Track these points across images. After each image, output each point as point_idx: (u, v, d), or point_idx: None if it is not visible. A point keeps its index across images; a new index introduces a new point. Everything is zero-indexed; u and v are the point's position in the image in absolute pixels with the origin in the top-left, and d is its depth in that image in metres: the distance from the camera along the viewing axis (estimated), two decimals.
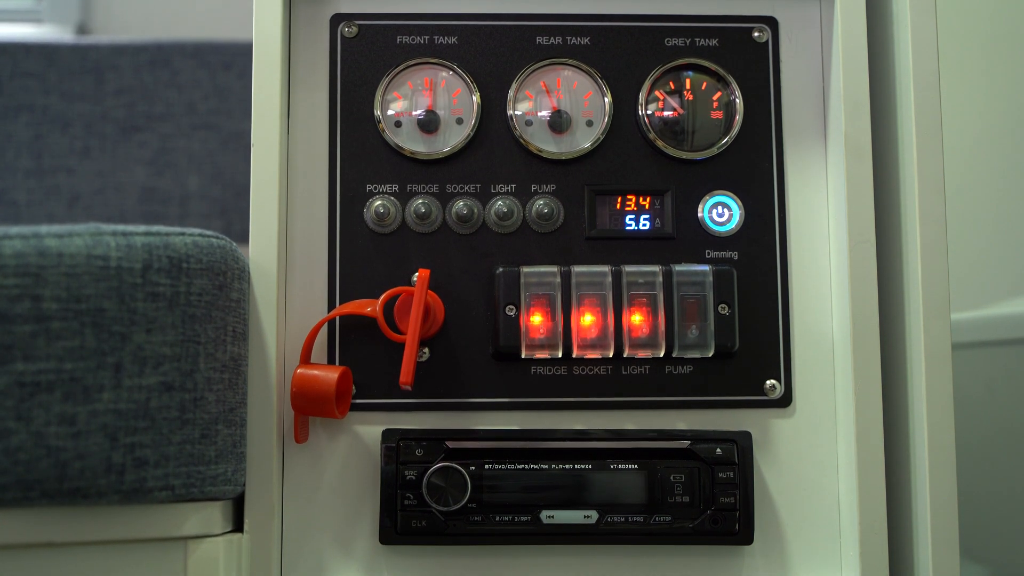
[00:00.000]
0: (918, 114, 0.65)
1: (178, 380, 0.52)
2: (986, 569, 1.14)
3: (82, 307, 0.49)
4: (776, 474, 0.65)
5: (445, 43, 0.68)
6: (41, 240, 0.49)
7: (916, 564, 0.64)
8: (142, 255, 0.51)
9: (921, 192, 0.64)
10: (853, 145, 0.65)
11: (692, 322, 0.64)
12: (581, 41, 0.68)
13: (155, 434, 0.51)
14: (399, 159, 0.66)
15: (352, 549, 0.64)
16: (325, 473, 0.64)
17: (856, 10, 0.67)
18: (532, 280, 0.64)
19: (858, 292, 0.64)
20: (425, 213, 0.65)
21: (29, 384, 0.48)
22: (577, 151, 0.67)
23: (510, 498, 0.62)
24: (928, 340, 0.63)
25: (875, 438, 0.64)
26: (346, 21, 0.67)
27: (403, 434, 0.63)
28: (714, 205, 0.67)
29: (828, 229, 0.67)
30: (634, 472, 0.63)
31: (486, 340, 0.65)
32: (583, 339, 0.63)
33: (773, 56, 0.68)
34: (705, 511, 0.63)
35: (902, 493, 0.65)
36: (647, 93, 0.67)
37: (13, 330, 0.48)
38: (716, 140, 0.67)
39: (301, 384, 0.60)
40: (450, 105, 0.67)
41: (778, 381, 0.66)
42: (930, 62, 0.65)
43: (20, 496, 0.48)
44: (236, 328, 0.58)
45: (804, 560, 0.65)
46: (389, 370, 0.64)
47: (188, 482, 0.53)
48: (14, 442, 0.47)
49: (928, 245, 0.64)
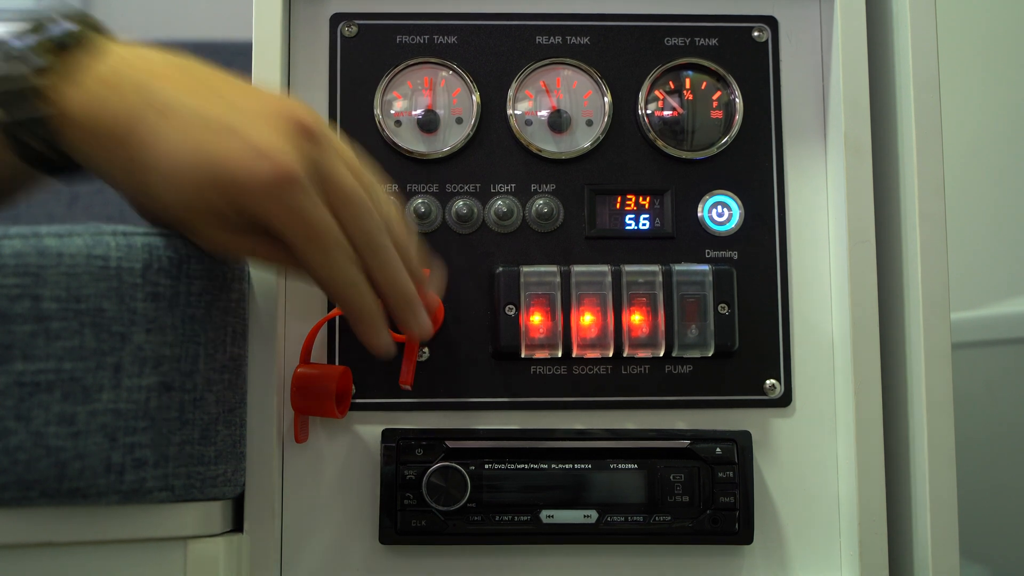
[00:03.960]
0: (918, 114, 0.65)
1: (178, 380, 0.52)
2: (986, 569, 1.14)
3: (82, 307, 0.49)
4: (776, 474, 0.65)
5: (445, 43, 0.67)
6: (41, 240, 0.49)
7: (916, 564, 0.64)
8: (142, 255, 0.51)
9: (921, 192, 0.64)
10: (853, 145, 0.65)
11: (692, 322, 0.64)
12: (581, 41, 0.68)
13: (155, 434, 0.51)
14: (399, 158, 0.66)
15: (352, 549, 0.64)
16: (325, 473, 0.64)
17: (856, 10, 0.67)
18: (532, 280, 0.64)
19: (858, 292, 0.64)
20: (425, 213, 0.65)
21: (28, 384, 0.48)
22: (577, 151, 0.67)
23: (510, 498, 0.62)
24: (928, 340, 0.63)
25: (875, 438, 0.64)
26: (346, 21, 0.67)
27: (403, 434, 0.63)
28: (714, 205, 0.67)
29: (828, 229, 0.67)
30: (634, 472, 0.63)
31: (486, 340, 0.65)
32: (583, 339, 0.63)
33: (773, 56, 0.68)
34: (705, 511, 0.63)
35: (902, 493, 0.65)
36: (647, 93, 0.67)
37: (12, 330, 0.47)
38: (716, 140, 0.67)
39: (301, 384, 0.60)
40: (450, 105, 0.67)
41: (778, 381, 0.66)
42: (930, 62, 0.65)
43: (19, 496, 0.48)
44: (236, 328, 0.58)
45: (804, 560, 0.65)
46: (389, 370, 0.63)
47: (188, 483, 0.53)
48: (13, 442, 0.47)
49: (928, 245, 0.64)
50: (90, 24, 0.53)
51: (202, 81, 0.53)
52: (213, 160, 0.50)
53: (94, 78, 0.51)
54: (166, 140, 0.50)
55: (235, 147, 0.50)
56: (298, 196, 0.50)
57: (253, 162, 0.49)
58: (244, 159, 0.49)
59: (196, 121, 0.50)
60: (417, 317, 0.57)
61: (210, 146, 0.50)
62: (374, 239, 0.54)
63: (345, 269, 0.53)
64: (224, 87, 0.53)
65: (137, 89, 0.51)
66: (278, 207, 0.50)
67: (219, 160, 0.49)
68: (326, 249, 0.52)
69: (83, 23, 0.53)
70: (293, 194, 0.50)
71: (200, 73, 0.53)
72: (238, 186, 0.50)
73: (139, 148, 0.50)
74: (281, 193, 0.50)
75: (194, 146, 0.50)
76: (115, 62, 0.52)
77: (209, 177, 0.50)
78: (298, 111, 0.53)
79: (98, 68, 0.51)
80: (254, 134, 0.50)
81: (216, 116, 0.51)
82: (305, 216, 0.51)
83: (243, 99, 0.52)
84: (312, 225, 0.51)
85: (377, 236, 0.54)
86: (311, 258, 0.52)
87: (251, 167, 0.49)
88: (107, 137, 0.50)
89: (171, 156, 0.50)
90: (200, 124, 0.50)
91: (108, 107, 0.50)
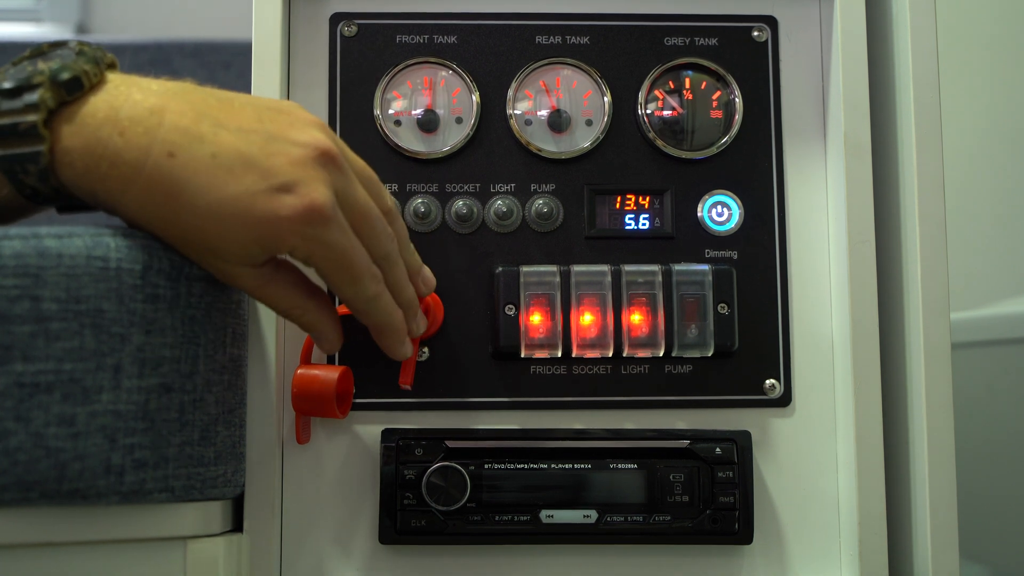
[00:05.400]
0: (918, 114, 0.65)
1: (177, 381, 0.52)
2: (986, 569, 1.14)
3: (81, 308, 0.49)
4: (776, 474, 0.65)
5: (444, 42, 0.67)
6: (40, 240, 0.49)
7: (916, 564, 0.64)
8: (142, 256, 0.51)
9: (921, 192, 0.64)
10: (853, 145, 0.65)
11: (692, 321, 0.64)
12: (580, 40, 0.68)
13: (154, 435, 0.51)
14: (398, 158, 0.66)
15: (352, 549, 0.64)
16: (325, 473, 0.64)
17: (856, 10, 0.67)
18: (531, 280, 0.64)
19: (858, 292, 0.64)
20: (424, 212, 0.65)
21: (28, 385, 0.47)
22: (576, 150, 0.67)
23: (510, 498, 0.62)
24: (928, 340, 0.63)
25: (874, 438, 0.64)
26: (346, 20, 0.67)
27: (403, 434, 0.63)
28: (714, 204, 0.67)
29: (828, 229, 0.67)
30: (633, 472, 0.63)
31: (486, 340, 0.65)
32: (582, 338, 0.63)
33: (773, 56, 0.68)
34: (704, 511, 0.63)
35: (902, 493, 0.65)
36: (647, 92, 0.67)
37: (12, 330, 0.47)
38: (716, 139, 0.67)
39: (302, 385, 0.60)
40: (449, 104, 0.67)
41: (778, 381, 0.66)
42: (930, 62, 0.65)
43: (19, 497, 0.48)
44: (236, 329, 0.58)
45: (804, 560, 0.65)
46: (389, 370, 0.63)
47: (188, 483, 0.53)
48: (13, 443, 0.47)
49: (928, 245, 0.64)
50: (88, 57, 0.50)
51: (203, 111, 0.50)
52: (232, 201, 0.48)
53: (93, 116, 0.48)
54: (178, 184, 0.48)
55: (257, 186, 0.48)
56: (329, 230, 0.50)
57: (280, 201, 0.48)
58: (269, 199, 0.48)
59: (207, 161, 0.48)
60: (417, 321, 0.60)
61: (227, 187, 0.48)
62: (389, 253, 0.55)
63: (374, 289, 0.54)
64: (227, 113, 0.50)
65: (137, 127, 0.48)
66: (310, 243, 0.50)
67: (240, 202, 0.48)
68: (359, 276, 0.53)
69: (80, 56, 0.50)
70: (325, 229, 0.49)
71: (200, 101, 0.50)
72: (263, 225, 0.48)
73: (148, 188, 0.48)
74: (311, 230, 0.49)
75: (209, 188, 0.48)
76: (115, 99, 0.49)
77: (229, 219, 0.48)
78: (317, 137, 0.51)
79: (97, 105, 0.49)
80: (276, 168, 0.49)
81: (228, 150, 0.49)
82: (337, 249, 0.51)
83: (254, 123, 0.50)
84: (345, 255, 0.51)
85: (391, 249, 0.55)
86: (343, 285, 0.53)
87: (277, 207, 0.48)
88: (113, 178, 0.48)
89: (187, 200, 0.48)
90: (212, 163, 0.48)
91: (110, 147, 0.48)
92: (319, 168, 0.50)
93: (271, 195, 0.48)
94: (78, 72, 0.49)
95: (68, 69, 0.49)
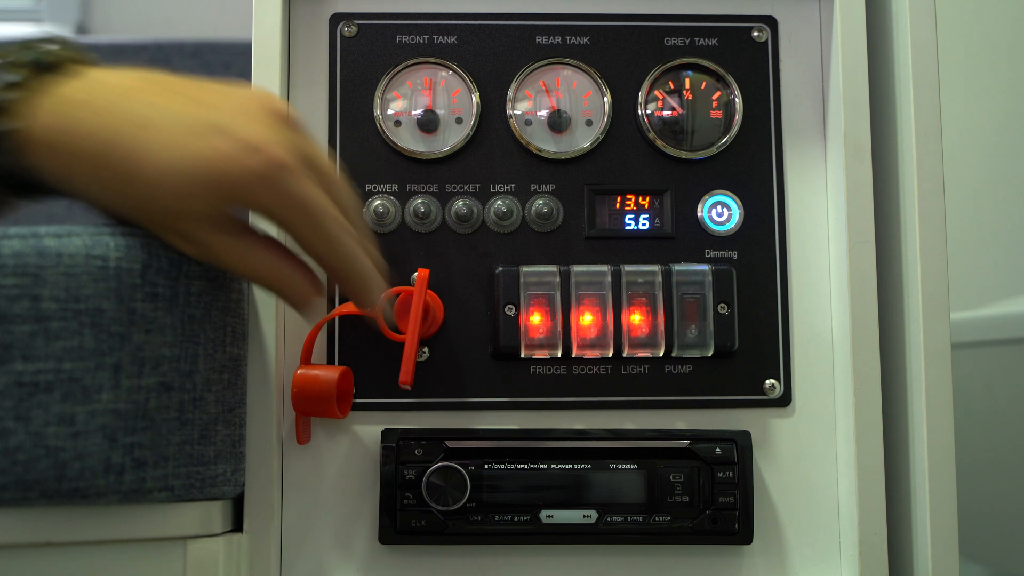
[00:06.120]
0: (918, 114, 0.65)
1: (177, 380, 0.52)
2: (986, 569, 1.14)
3: (81, 307, 0.49)
4: (775, 474, 0.65)
5: (444, 43, 0.67)
6: (40, 240, 0.49)
7: (916, 564, 0.64)
8: (141, 255, 0.51)
9: (921, 192, 0.64)
10: (853, 145, 0.65)
11: (691, 322, 0.64)
12: (580, 41, 0.68)
13: (154, 434, 0.51)
14: (398, 158, 0.66)
15: (352, 549, 0.64)
16: (325, 473, 0.64)
17: (856, 10, 0.67)
18: (531, 280, 0.64)
19: (857, 292, 0.64)
20: (424, 213, 0.65)
21: (28, 384, 0.48)
22: (576, 151, 0.67)
23: (509, 498, 0.62)
24: (928, 340, 0.63)
25: (874, 438, 0.64)
26: (345, 20, 0.67)
27: (403, 434, 0.63)
28: (713, 205, 0.67)
29: (828, 229, 0.67)
30: (633, 472, 0.63)
31: (486, 340, 0.65)
32: (582, 339, 0.63)
33: (772, 56, 0.68)
34: (704, 511, 0.63)
35: (902, 493, 0.65)
36: (646, 93, 0.67)
37: (12, 330, 0.47)
38: (715, 140, 0.67)
39: (302, 385, 0.60)
40: (449, 105, 0.67)
41: (777, 381, 0.66)
42: (930, 62, 0.65)
43: (19, 496, 0.48)
44: (235, 328, 0.58)
45: (804, 560, 0.65)
46: (389, 370, 0.64)
47: (187, 483, 0.53)
48: (13, 442, 0.47)
49: (928, 245, 0.64)
50: (70, 49, 0.54)
51: (175, 90, 0.53)
52: (204, 161, 0.50)
53: (66, 98, 0.51)
54: (149, 151, 0.50)
55: (225, 145, 0.50)
56: (294, 181, 0.52)
57: (246, 156, 0.50)
58: (236, 155, 0.50)
59: (178, 128, 0.51)
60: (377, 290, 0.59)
61: (198, 149, 0.50)
62: (352, 209, 0.57)
63: (345, 240, 0.55)
64: (197, 91, 0.53)
65: (111, 107, 0.51)
66: (276, 195, 0.51)
67: (211, 160, 0.50)
68: (327, 227, 0.54)
69: (63, 47, 0.53)
70: (290, 181, 0.51)
71: (171, 83, 0.54)
72: (234, 182, 0.50)
73: (120, 164, 0.50)
74: (277, 182, 0.51)
75: (181, 151, 0.50)
76: (89, 84, 0.52)
77: (202, 178, 0.50)
78: (274, 101, 0.54)
79: (71, 89, 0.51)
80: (241, 130, 0.51)
81: (197, 119, 0.51)
82: (304, 199, 0.52)
83: (218, 99, 0.53)
84: (311, 206, 0.53)
85: (353, 206, 0.58)
86: (314, 239, 0.54)
87: (245, 162, 0.50)
88: (83, 157, 0.50)
89: (158, 165, 0.50)
90: (183, 129, 0.51)
91: (82, 127, 0.51)
92: (279, 127, 0.53)
93: (237, 153, 0.50)
94: (60, 59, 0.53)
95: (51, 55, 0.53)
